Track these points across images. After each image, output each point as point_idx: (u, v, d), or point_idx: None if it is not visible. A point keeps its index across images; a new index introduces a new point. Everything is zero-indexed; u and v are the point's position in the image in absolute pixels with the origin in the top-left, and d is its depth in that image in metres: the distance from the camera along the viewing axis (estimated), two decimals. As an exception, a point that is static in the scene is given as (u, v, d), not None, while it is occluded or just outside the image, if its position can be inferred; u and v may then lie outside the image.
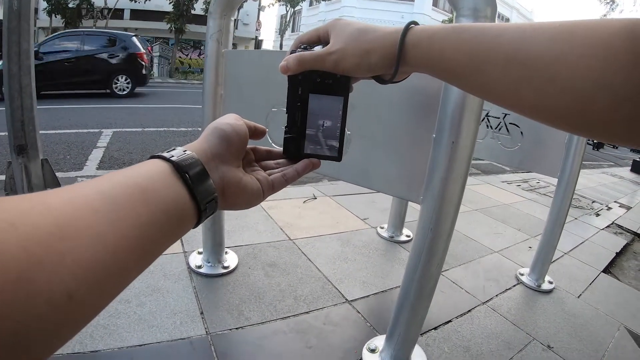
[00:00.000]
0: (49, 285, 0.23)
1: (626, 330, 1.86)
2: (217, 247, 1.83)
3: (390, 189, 1.27)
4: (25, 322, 0.21)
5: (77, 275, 0.24)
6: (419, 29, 0.44)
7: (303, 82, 0.49)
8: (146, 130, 5.59)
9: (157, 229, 0.32)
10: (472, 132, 1.03)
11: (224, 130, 0.43)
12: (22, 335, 0.21)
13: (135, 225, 0.30)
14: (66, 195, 0.28)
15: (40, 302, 0.22)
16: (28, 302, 0.22)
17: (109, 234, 0.28)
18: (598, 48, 0.32)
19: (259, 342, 1.42)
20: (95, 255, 0.26)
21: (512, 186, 4.66)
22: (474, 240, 2.69)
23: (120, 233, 0.28)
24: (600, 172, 7.76)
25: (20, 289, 0.21)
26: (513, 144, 2.13)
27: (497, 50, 0.38)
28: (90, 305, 0.27)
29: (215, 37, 1.55)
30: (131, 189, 0.31)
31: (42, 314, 0.22)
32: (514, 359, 1.53)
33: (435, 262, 1.16)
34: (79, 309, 0.25)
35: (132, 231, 0.29)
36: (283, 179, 0.49)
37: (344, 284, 1.87)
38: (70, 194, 0.28)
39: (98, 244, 0.26)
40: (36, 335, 0.22)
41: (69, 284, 0.24)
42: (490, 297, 1.96)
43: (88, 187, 0.30)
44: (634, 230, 3.64)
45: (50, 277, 0.23)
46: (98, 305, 0.28)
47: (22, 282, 0.21)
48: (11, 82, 1.67)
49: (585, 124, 0.35)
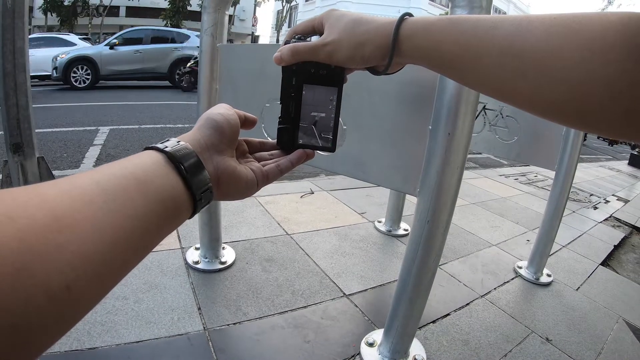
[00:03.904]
0: (47, 277, 0.23)
1: (625, 323, 1.86)
2: (214, 242, 1.83)
3: (386, 181, 1.26)
4: (23, 314, 0.21)
5: (75, 267, 0.24)
6: (413, 21, 0.44)
7: (297, 73, 0.49)
8: (143, 127, 5.56)
9: (154, 220, 0.32)
10: (468, 123, 1.02)
11: (216, 120, 0.44)
12: (20, 327, 0.21)
13: (131, 216, 0.30)
14: (62, 187, 0.28)
15: (39, 294, 0.22)
16: (26, 294, 0.21)
17: (106, 225, 0.28)
18: (593, 41, 0.32)
19: (256, 337, 1.42)
20: (93, 247, 0.26)
21: (510, 180, 4.66)
22: (472, 234, 2.69)
23: (117, 224, 0.28)
24: (597, 165, 7.77)
25: (18, 281, 0.21)
26: (510, 137, 2.13)
27: (492, 42, 0.38)
28: (89, 296, 0.26)
29: (210, 31, 1.53)
30: (127, 180, 0.31)
31: (41, 305, 0.22)
32: (513, 351, 1.53)
33: (433, 255, 1.15)
34: (77, 300, 0.25)
35: (129, 222, 0.29)
36: (277, 169, 0.49)
37: (341, 278, 1.87)
38: (67, 186, 0.28)
39: (95, 235, 0.26)
40: (35, 327, 0.22)
41: (67, 275, 0.24)
42: (488, 290, 1.97)
43: (84, 179, 0.30)
44: (632, 223, 3.65)
45: (49, 268, 0.23)
46: (96, 297, 0.28)
47: (20, 275, 0.21)
48: (6, 80, 1.66)
49: (580, 117, 0.35)
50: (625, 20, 0.32)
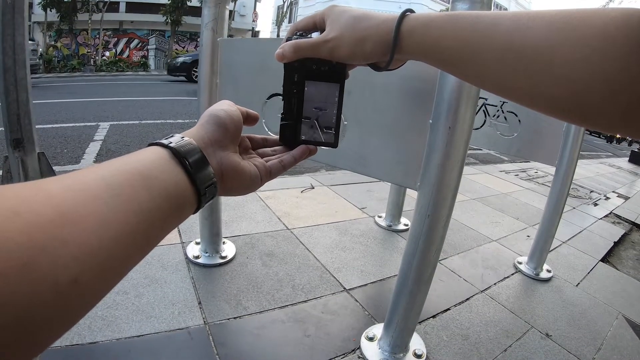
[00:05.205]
0: (53, 271, 0.23)
1: (624, 319, 1.86)
2: (214, 237, 1.83)
3: (387, 175, 1.26)
4: (30, 309, 0.21)
5: (81, 261, 0.25)
6: (415, 17, 0.44)
7: (299, 69, 0.49)
8: (143, 122, 5.56)
9: (159, 214, 0.32)
10: (469, 117, 1.02)
11: (219, 116, 0.44)
12: (26, 321, 0.21)
13: (136, 211, 0.30)
14: (67, 182, 0.28)
15: (45, 288, 0.22)
16: (33, 289, 0.22)
17: (111, 219, 0.28)
18: (594, 37, 0.32)
19: (257, 332, 1.42)
20: (98, 241, 0.26)
21: (510, 175, 4.66)
22: (472, 229, 2.69)
23: (122, 219, 0.28)
24: (598, 162, 7.77)
25: (24, 276, 0.21)
26: (511, 132, 2.12)
27: (493, 38, 0.38)
28: (94, 290, 0.27)
29: (210, 25, 1.53)
30: (132, 175, 0.31)
31: (47, 300, 0.22)
32: (513, 347, 1.53)
33: (433, 249, 1.15)
34: (83, 294, 0.25)
35: (133, 217, 0.30)
36: (280, 165, 0.49)
37: (342, 273, 1.87)
38: (71, 181, 0.28)
39: (101, 229, 0.26)
40: (40, 322, 0.22)
41: (73, 270, 0.24)
42: (488, 286, 1.97)
43: (88, 174, 0.30)
44: (632, 220, 3.65)
45: (54, 263, 0.23)
46: (101, 291, 0.28)
47: (26, 269, 0.21)
48: (6, 75, 1.66)
49: (580, 113, 0.35)
50: (626, 16, 0.31)
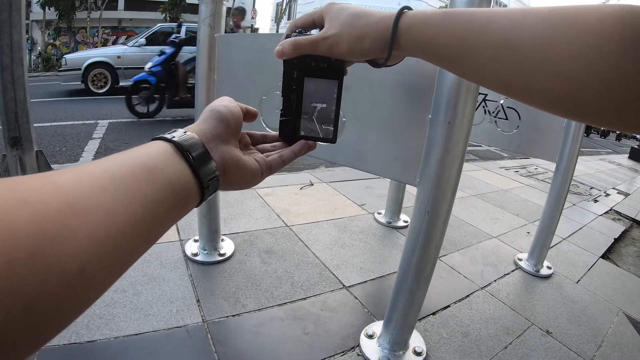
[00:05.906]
0: (61, 260, 0.23)
1: (625, 316, 1.86)
2: (213, 234, 1.82)
3: (386, 171, 1.25)
4: (37, 298, 0.22)
5: (89, 250, 0.25)
6: (412, 14, 0.45)
7: (298, 66, 0.50)
8: (142, 120, 5.55)
9: (163, 207, 0.33)
10: (468, 111, 1.01)
11: (221, 111, 0.45)
12: (34, 311, 0.22)
13: (142, 203, 0.31)
14: (73, 174, 0.28)
15: (53, 278, 0.22)
16: (40, 279, 0.22)
17: (118, 211, 0.28)
18: (588, 34, 0.32)
19: (255, 329, 1.41)
20: (105, 231, 0.27)
21: (510, 172, 4.65)
22: (472, 226, 2.69)
23: (128, 210, 0.29)
24: (598, 159, 7.77)
25: (33, 265, 0.21)
26: (511, 128, 2.11)
27: (488, 35, 0.38)
28: (101, 280, 0.27)
29: (208, 21, 1.52)
30: (137, 168, 0.32)
31: (55, 290, 0.23)
32: (513, 344, 1.52)
33: (433, 246, 1.15)
34: (89, 284, 0.26)
35: (139, 209, 0.30)
36: (280, 160, 0.50)
37: (341, 270, 1.86)
38: (78, 174, 0.29)
39: (108, 221, 0.27)
40: (48, 311, 0.23)
41: (81, 259, 0.24)
42: (488, 282, 1.96)
43: (95, 167, 0.30)
44: (632, 217, 3.65)
45: (63, 252, 0.23)
46: (107, 281, 0.28)
47: (35, 258, 0.22)
48: (4, 74, 1.67)
49: (576, 109, 0.35)
50: (621, 13, 0.31)
